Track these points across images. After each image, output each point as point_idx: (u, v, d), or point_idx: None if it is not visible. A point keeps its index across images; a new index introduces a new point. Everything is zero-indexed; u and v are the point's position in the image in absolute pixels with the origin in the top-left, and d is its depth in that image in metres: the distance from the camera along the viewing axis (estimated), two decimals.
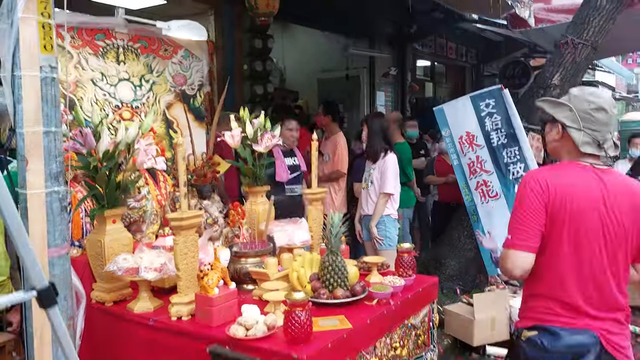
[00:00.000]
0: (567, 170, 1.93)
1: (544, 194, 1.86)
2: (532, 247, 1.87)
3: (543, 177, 1.91)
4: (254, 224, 2.85)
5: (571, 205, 1.84)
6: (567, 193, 1.86)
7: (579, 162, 1.93)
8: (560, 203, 1.85)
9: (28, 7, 1.87)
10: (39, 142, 1.90)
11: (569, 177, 1.90)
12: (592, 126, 1.89)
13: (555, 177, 1.90)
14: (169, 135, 3.35)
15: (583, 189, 1.86)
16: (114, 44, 3.09)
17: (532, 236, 1.87)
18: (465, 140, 4.78)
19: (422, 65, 10.76)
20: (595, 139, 1.89)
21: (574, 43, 4.65)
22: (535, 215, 1.86)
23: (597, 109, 1.90)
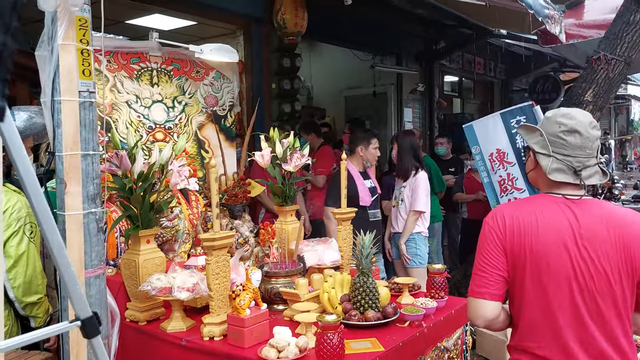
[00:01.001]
0: (532, 204, 1.70)
1: (500, 233, 1.64)
2: (493, 294, 1.64)
3: (502, 213, 1.68)
4: (284, 243, 2.85)
5: (531, 245, 1.60)
6: (527, 230, 1.61)
7: (549, 194, 1.69)
8: (519, 243, 1.61)
9: (68, 34, 1.93)
10: (77, 165, 1.95)
11: (532, 212, 1.64)
12: (564, 151, 1.65)
13: (515, 213, 1.66)
14: (200, 156, 3.40)
15: (547, 225, 1.60)
16: (148, 67, 3.17)
17: (491, 282, 1.65)
18: (496, 158, 4.72)
19: (450, 80, 10.71)
20: (569, 166, 1.64)
21: (606, 59, 4.56)
22: (493, 259, 1.65)
23: (568, 132, 1.65)
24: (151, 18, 5.77)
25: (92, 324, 0.84)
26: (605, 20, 5.25)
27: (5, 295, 2.38)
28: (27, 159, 0.78)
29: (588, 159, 1.65)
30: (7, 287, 2.34)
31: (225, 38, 5.88)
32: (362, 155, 4.13)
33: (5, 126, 0.72)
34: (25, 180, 0.77)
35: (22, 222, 2.38)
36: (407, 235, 4.24)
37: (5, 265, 2.33)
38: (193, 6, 5.05)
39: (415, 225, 4.24)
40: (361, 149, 4.12)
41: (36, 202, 0.77)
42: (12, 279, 2.36)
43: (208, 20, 5.61)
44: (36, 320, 2.48)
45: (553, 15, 4.34)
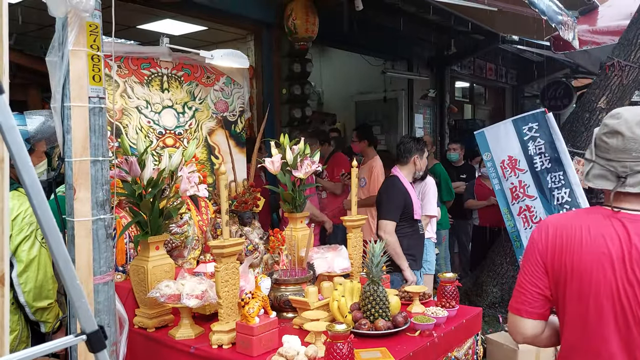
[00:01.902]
0: (582, 217, 1.52)
1: (542, 248, 1.52)
2: (530, 312, 1.54)
3: (547, 225, 1.55)
4: (293, 250, 2.83)
5: (572, 262, 1.45)
6: (569, 246, 1.47)
7: (605, 207, 1.49)
8: (559, 259, 1.48)
9: (78, 40, 1.93)
10: (87, 171, 1.94)
11: (578, 226, 1.48)
12: (607, 155, 1.46)
13: (561, 226, 1.51)
14: (210, 162, 3.39)
15: (592, 242, 1.43)
16: (159, 72, 3.17)
17: (529, 300, 1.54)
18: (507, 165, 4.68)
19: (461, 86, 10.67)
20: (613, 171, 1.45)
21: (620, 65, 4.51)
22: (533, 276, 1.54)
23: (610, 133, 1.46)
24: (162, 23, 5.80)
25: (97, 338, 0.83)
26: (619, 27, 5.20)
27: (15, 300, 2.37)
28: (31, 166, 0.76)
29: (637, 164, 1.42)
30: (17, 291, 2.34)
31: (236, 43, 5.90)
32: (417, 165, 3.91)
33: (9, 134, 0.71)
34: (30, 191, 0.75)
35: (34, 226, 2.38)
36: None
37: (17, 270, 2.33)
38: (204, 11, 5.06)
39: (425, 230, 4.21)
40: (417, 158, 3.90)
41: (41, 213, 0.75)
42: (23, 284, 2.35)
43: (219, 25, 5.63)
44: (46, 326, 2.47)
45: (566, 22, 4.30)
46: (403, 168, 3.91)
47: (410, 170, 3.92)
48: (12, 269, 2.32)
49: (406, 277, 3.64)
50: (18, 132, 0.74)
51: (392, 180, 3.84)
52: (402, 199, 3.71)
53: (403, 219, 3.70)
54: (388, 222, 3.64)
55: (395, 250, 3.59)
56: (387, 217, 3.67)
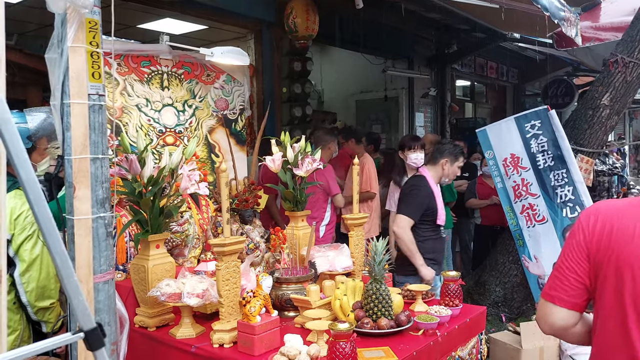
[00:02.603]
0: (634, 209, 1.40)
1: (588, 234, 1.41)
2: (565, 300, 1.44)
3: (597, 211, 1.44)
4: (295, 248, 2.81)
5: (619, 255, 1.34)
6: (619, 237, 1.36)
7: None
8: (605, 249, 1.37)
9: (77, 36, 1.91)
10: (86, 169, 1.92)
11: (633, 218, 1.36)
12: None
13: (612, 214, 1.40)
14: (211, 160, 3.37)
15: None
16: (159, 70, 3.15)
17: (565, 287, 1.44)
18: (510, 163, 4.66)
19: (462, 85, 10.65)
20: None
21: (624, 62, 4.48)
22: (573, 261, 1.44)
23: None
24: (162, 22, 5.78)
25: (95, 336, 0.80)
26: (623, 23, 5.18)
27: (18, 300, 2.36)
28: (28, 162, 0.74)
29: None
30: (20, 291, 2.32)
31: (236, 42, 5.88)
32: (445, 170, 3.73)
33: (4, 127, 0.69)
34: (26, 186, 0.73)
35: (36, 225, 2.36)
36: None
37: (19, 269, 2.31)
38: (204, 10, 5.04)
39: None
40: (446, 162, 3.70)
41: (38, 210, 0.73)
42: (25, 283, 2.34)
43: (219, 24, 5.61)
44: (47, 326, 2.45)
45: (569, 18, 4.27)
46: (430, 169, 3.75)
47: (437, 172, 3.74)
48: (14, 268, 2.31)
49: (422, 274, 3.46)
50: (14, 125, 0.72)
51: (420, 179, 3.67)
52: (427, 200, 3.57)
53: (426, 222, 3.56)
54: (405, 217, 3.49)
55: (409, 246, 3.45)
56: (405, 213, 3.52)
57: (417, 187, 3.61)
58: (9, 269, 2.30)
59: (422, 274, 3.47)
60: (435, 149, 3.82)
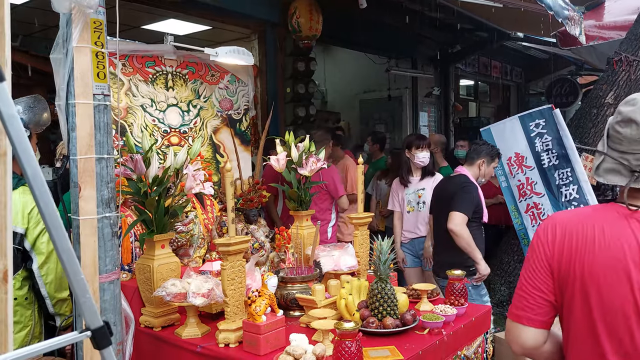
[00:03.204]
0: (594, 216, 1.34)
1: (549, 249, 1.35)
2: (532, 319, 1.38)
3: (555, 223, 1.38)
4: (300, 248, 2.81)
5: (582, 267, 1.29)
6: (580, 248, 1.30)
7: (621, 205, 1.32)
8: (568, 263, 1.31)
9: (82, 36, 1.91)
10: (92, 169, 1.92)
11: (591, 226, 1.31)
12: (620, 147, 1.29)
13: (571, 225, 1.34)
14: (215, 160, 3.37)
15: (607, 245, 1.27)
16: (163, 70, 3.15)
17: (531, 306, 1.38)
18: (514, 162, 4.65)
19: (466, 84, 10.62)
20: (626, 165, 1.28)
21: (628, 60, 4.47)
22: (536, 279, 1.37)
23: (624, 122, 1.29)
24: (166, 23, 5.79)
25: (102, 335, 0.80)
26: (626, 22, 5.16)
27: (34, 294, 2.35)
28: (33, 157, 0.74)
29: None
30: (39, 283, 2.32)
31: (240, 42, 5.88)
32: (481, 170, 3.72)
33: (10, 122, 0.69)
34: (31, 181, 0.73)
35: None
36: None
37: (37, 262, 2.31)
38: (208, 11, 5.05)
39: None
40: (482, 162, 3.70)
41: (44, 206, 0.73)
42: (44, 275, 2.34)
43: (223, 24, 5.62)
44: (61, 318, 2.45)
45: (573, 17, 4.26)
46: (468, 169, 3.73)
47: (474, 172, 3.72)
48: (31, 262, 2.30)
49: (480, 270, 3.46)
50: (19, 120, 0.72)
51: (465, 178, 3.63)
52: (477, 197, 3.57)
53: (474, 219, 3.54)
54: (460, 214, 3.42)
55: (468, 242, 3.41)
56: (460, 210, 3.44)
57: (468, 185, 3.58)
58: (24, 262, 2.31)
59: (481, 269, 3.49)
60: (472, 150, 3.83)
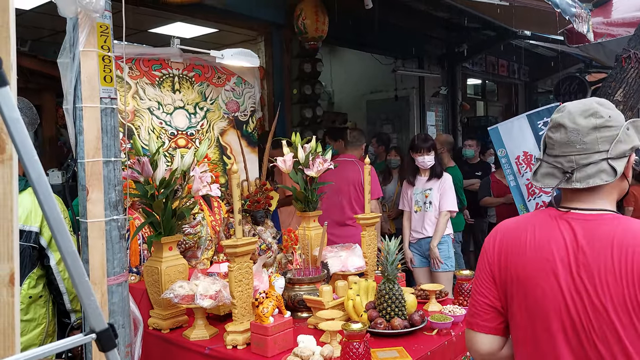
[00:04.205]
0: (530, 220, 1.40)
1: (490, 256, 1.42)
2: (482, 326, 1.42)
3: (497, 230, 1.45)
4: (307, 249, 2.81)
5: (517, 270, 1.34)
6: (514, 253, 1.36)
7: (550, 207, 1.37)
8: (505, 268, 1.37)
9: (89, 40, 1.92)
10: (99, 172, 1.93)
11: (524, 230, 1.37)
12: (553, 151, 1.35)
13: (509, 231, 1.41)
14: (222, 161, 3.38)
15: (536, 247, 1.31)
16: (170, 73, 3.17)
17: (480, 312, 1.42)
18: (523, 161, 4.61)
19: (473, 83, 10.58)
20: (559, 168, 1.33)
21: (637, 57, 4.42)
22: (482, 286, 1.42)
23: (554, 127, 1.35)
24: (173, 26, 5.81)
25: (107, 337, 0.80)
26: (635, 18, 5.11)
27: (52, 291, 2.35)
28: (37, 160, 0.74)
29: (584, 156, 1.30)
30: (57, 279, 2.33)
31: (246, 44, 5.89)
32: None
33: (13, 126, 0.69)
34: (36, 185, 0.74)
35: (64, 214, 2.39)
36: (440, 237, 4.17)
37: (55, 259, 2.32)
38: (214, 14, 5.06)
39: (446, 226, 4.19)
40: None
41: (48, 209, 0.74)
42: (62, 271, 2.35)
43: (229, 27, 5.63)
44: (77, 315, 2.46)
45: (580, 14, 4.23)
46: None
47: None
48: (47, 259, 2.31)
49: None
50: (23, 124, 0.73)
51: None
52: None
53: None
54: None
55: None
56: None
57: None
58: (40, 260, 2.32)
59: None
60: None
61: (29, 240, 2.25)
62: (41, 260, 2.31)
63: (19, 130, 0.71)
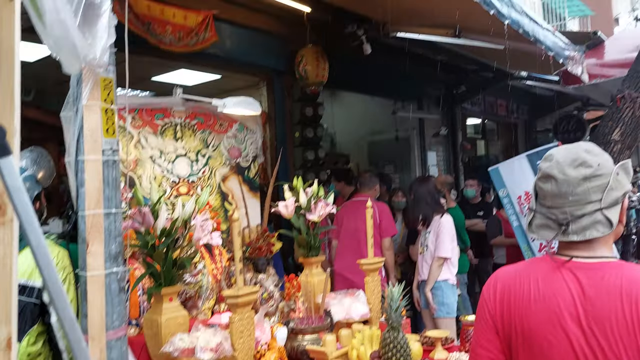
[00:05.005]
0: (530, 269, 1.36)
1: (491, 307, 1.36)
2: None
3: (496, 280, 1.40)
4: (310, 296, 2.78)
5: (522, 323, 1.29)
6: (517, 304, 1.31)
7: (555, 256, 1.34)
8: (508, 320, 1.32)
9: (92, 94, 1.96)
10: (100, 224, 1.93)
11: (526, 280, 1.33)
12: (546, 202, 1.33)
13: (509, 280, 1.36)
14: (224, 208, 3.38)
15: (541, 298, 1.28)
16: (172, 122, 3.21)
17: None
18: (525, 200, 4.61)
19: (473, 123, 10.68)
20: (554, 219, 1.31)
21: (631, 97, 4.48)
22: (483, 338, 1.38)
23: (544, 178, 1.34)
24: (176, 74, 5.92)
25: None
26: (627, 59, 5.20)
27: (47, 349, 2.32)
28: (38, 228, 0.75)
29: (577, 207, 1.28)
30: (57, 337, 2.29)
31: (248, 90, 5.99)
32: None
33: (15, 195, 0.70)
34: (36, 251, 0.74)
35: (67, 270, 2.37)
36: (432, 283, 4.13)
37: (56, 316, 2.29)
38: (217, 61, 5.17)
39: (439, 272, 4.13)
40: None
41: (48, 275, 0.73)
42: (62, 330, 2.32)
43: (232, 74, 5.74)
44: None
45: (574, 56, 4.31)
46: None
47: None
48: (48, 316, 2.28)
49: None
50: (25, 193, 0.73)
51: None
52: None
53: None
54: None
55: None
56: None
57: None
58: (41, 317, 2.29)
59: None
60: None
61: (32, 296, 2.24)
62: (42, 317, 2.28)
63: (20, 199, 0.72)
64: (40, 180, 2.49)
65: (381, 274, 4.40)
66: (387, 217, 4.62)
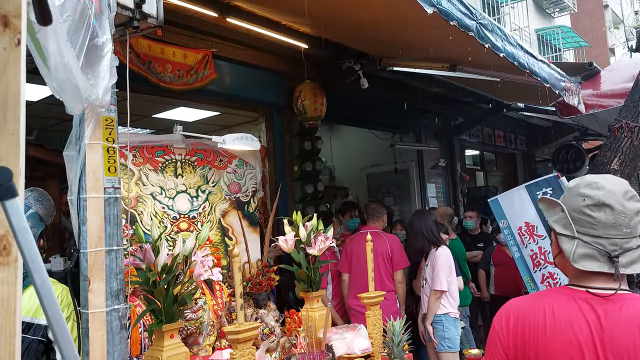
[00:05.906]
0: (544, 300, 1.34)
1: (504, 339, 1.35)
2: None
3: (508, 311, 1.38)
4: (311, 331, 2.75)
5: (537, 355, 1.27)
6: (532, 336, 1.29)
7: (569, 287, 1.34)
8: (522, 351, 1.30)
9: (95, 134, 2.00)
10: (101, 262, 1.94)
11: (541, 311, 1.31)
12: (593, 231, 1.29)
13: (523, 312, 1.34)
14: (224, 243, 3.39)
15: (557, 329, 1.26)
16: (173, 158, 3.25)
17: None
18: (525, 231, 4.61)
19: (471, 154, 10.76)
20: (601, 250, 1.27)
21: (629, 127, 4.53)
22: None
23: (595, 206, 1.29)
24: (176, 111, 6.00)
25: None
26: (623, 89, 5.28)
27: None
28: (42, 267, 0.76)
29: (627, 240, 1.26)
30: None
31: (248, 125, 6.07)
32: None
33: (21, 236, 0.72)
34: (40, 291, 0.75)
35: (71, 308, 2.37)
36: (432, 317, 4.09)
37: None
38: (217, 97, 5.25)
39: (437, 306, 4.08)
40: None
41: (52, 314, 0.75)
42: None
43: (231, 110, 5.82)
44: None
45: (570, 87, 4.38)
46: None
47: None
48: (54, 353, 2.26)
49: None
50: (30, 233, 0.75)
51: None
52: None
53: None
54: None
55: None
56: None
57: None
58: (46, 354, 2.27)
59: None
60: None
61: (37, 334, 2.23)
62: (47, 355, 2.27)
63: (26, 239, 0.74)
64: (43, 217, 2.52)
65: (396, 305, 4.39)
66: (399, 249, 4.54)
